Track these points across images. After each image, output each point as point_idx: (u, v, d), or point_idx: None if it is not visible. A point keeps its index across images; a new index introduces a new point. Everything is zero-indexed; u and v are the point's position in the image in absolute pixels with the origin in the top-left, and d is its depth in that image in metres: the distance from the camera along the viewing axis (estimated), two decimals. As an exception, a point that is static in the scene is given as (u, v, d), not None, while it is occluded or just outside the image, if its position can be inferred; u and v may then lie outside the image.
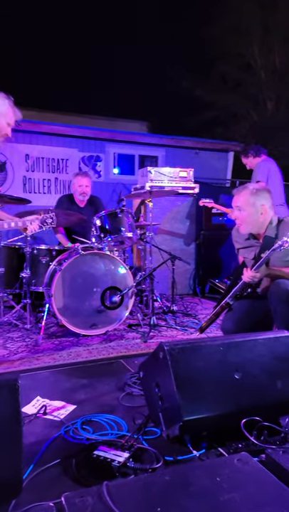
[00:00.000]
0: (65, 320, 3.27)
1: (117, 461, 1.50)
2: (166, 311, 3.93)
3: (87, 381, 2.42)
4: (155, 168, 4.98)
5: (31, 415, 1.96)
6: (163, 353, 1.67)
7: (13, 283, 3.86)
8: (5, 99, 2.49)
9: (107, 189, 6.52)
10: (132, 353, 2.96)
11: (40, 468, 1.53)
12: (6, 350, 3.01)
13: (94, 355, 2.92)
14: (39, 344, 3.12)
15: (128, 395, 2.20)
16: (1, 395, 1.32)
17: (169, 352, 1.65)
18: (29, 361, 2.80)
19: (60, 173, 6.51)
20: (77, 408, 2.06)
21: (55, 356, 2.89)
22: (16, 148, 6.10)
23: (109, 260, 3.48)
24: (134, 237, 3.65)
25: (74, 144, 6.49)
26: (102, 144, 6.61)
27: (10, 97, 2.51)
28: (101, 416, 1.95)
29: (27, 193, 6.23)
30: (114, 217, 3.58)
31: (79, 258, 3.33)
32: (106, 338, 3.31)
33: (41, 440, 1.76)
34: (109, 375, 2.52)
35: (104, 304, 3.35)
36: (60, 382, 2.43)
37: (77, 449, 1.67)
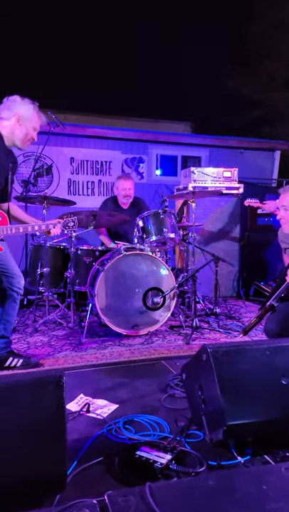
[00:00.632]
0: (108, 320, 3.30)
1: (159, 463, 1.48)
2: (208, 313, 3.87)
3: (129, 381, 2.43)
4: (198, 168, 4.93)
5: (75, 412, 1.99)
6: (206, 355, 1.64)
7: (57, 282, 3.96)
8: (30, 104, 2.58)
9: (149, 190, 6.54)
10: (173, 354, 2.94)
11: (83, 465, 1.54)
12: (51, 348, 3.09)
13: (136, 355, 2.93)
14: (82, 343, 3.18)
15: (170, 396, 2.18)
16: (47, 391, 1.35)
17: (213, 354, 1.62)
18: (73, 359, 2.85)
19: (104, 175, 6.60)
20: (120, 407, 2.07)
21: (98, 355, 2.93)
22: (62, 151, 6.26)
23: (151, 261, 3.48)
24: (176, 238, 3.64)
25: (117, 146, 6.56)
26: (144, 146, 6.63)
27: (35, 102, 2.61)
28: (143, 416, 1.94)
29: (71, 195, 6.37)
30: (157, 218, 3.58)
31: (121, 259, 3.36)
32: (148, 339, 3.31)
33: (84, 437, 1.78)
34: (151, 375, 2.52)
35: (146, 304, 3.35)
36: (102, 380, 2.45)
37: (120, 448, 1.67)
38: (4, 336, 2.64)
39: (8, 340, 2.68)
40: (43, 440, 1.30)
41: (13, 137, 2.57)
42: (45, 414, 1.33)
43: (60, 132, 4.98)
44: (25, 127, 2.56)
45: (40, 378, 1.39)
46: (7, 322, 2.63)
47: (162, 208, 3.61)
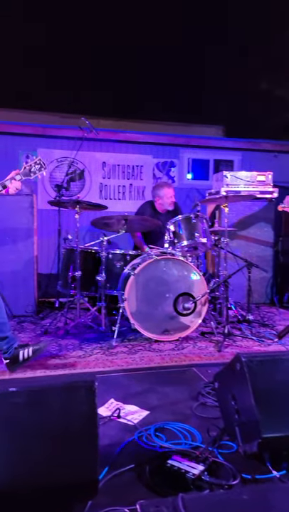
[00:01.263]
0: (138, 324, 3.29)
1: (191, 473, 1.45)
2: (241, 320, 3.79)
3: (160, 387, 2.41)
4: (231, 172, 4.86)
5: (105, 417, 1.99)
6: (240, 364, 1.60)
7: (89, 286, 3.98)
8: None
9: (180, 195, 6.50)
10: (205, 361, 2.89)
11: (114, 472, 1.53)
12: (82, 351, 3.11)
13: (166, 361, 2.90)
14: (113, 347, 3.18)
15: (202, 405, 2.14)
16: (79, 395, 1.35)
17: (247, 364, 1.57)
18: (103, 363, 2.86)
19: (135, 179, 6.63)
20: (150, 414, 2.05)
21: (128, 360, 2.92)
22: (94, 156, 6.34)
23: (183, 266, 3.45)
24: (208, 243, 3.59)
25: (148, 150, 6.57)
26: (176, 150, 6.61)
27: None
28: (174, 424, 1.92)
29: (102, 199, 6.42)
30: (189, 222, 3.55)
31: (152, 263, 3.35)
32: (178, 345, 3.28)
33: (115, 443, 1.77)
34: (181, 382, 2.49)
35: (177, 310, 3.32)
36: (133, 386, 2.44)
37: (151, 456, 1.65)
38: (3, 337, 2.61)
39: (9, 338, 2.64)
40: (75, 445, 1.30)
41: None
42: (77, 419, 1.33)
43: (93, 138, 5.05)
44: None
45: (72, 382, 1.39)
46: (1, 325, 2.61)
47: (194, 212, 3.58)
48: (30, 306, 4.28)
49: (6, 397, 1.28)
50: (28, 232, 4.30)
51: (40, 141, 6.13)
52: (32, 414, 1.29)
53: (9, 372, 2.62)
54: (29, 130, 6.07)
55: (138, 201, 6.41)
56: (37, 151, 6.11)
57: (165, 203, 4.31)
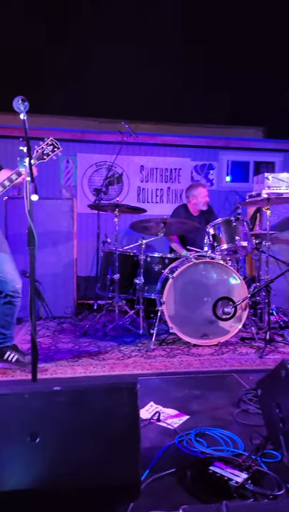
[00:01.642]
0: (176, 328, 3.27)
1: (234, 481, 1.42)
2: (283, 326, 3.68)
3: (200, 392, 2.38)
4: (272, 174, 4.75)
5: (145, 420, 1.99)
6: (286, 371, 1.55)
7: (127, 289, 4.01)
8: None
9: (219, 197, 6.43)
10: (245, 367, 2.83)
11: (155, 475, 1.52)
12: (121, 353, 3.13)
13: (206, 366, 2.87)
14: (151, 350, 3.18)
15: (243, 411, 2.10)
16: (121, 397, 1.35)
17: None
18: (142, 366, 2.86)
19: (173, 182, 6.62)
20: (190, 419, 2.03)
21: (167, 363, 2.91)
22: (132, 160, 6.39)
23: (222, 270, 3.40)
24: (249, 246, 3.52)
25: (187, 153, 6.55)
26: (215, 152, 6.55)
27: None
28: (215, 430, 1.88)
29: (141, 203, 6.47)
30: (229, 225, 3.50)
31: (191, 267, 3.32)
32: (218, 350, 3.23)
33: (155, 446, 1.76)
34: (222, 388, 2.44)
35: (217, 314, 3.27)
36: (172, 390, 2.42)
37: (192, 461, 1.63)
38: (3, 332, 2.78)
39: (6, 336, 2.78)
40: (117, 446, 1.30)
41: None
42: (119, 420, 1.33)
43: (132, 141, 5.09)
44: None
45: (114, 384, 1.39)
46: (6, 322, 2.77)
47: (235, 215, 3.52)
48: (69, 308, 4.36)
49: (50, 395, 1.31)
50: (68, 235, 4.39)
51: (79, 146, 6.26)
52: (75, 413, 1.31)
53: None
54: (68, 135, 6.21)
55: (176, 204, 6.40)
56: (77, 155, 6.24)
57: (200, 203, 4.30)
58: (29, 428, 1.25)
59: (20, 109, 2.01)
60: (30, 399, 1.27)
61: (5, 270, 2.69)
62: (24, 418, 1.25)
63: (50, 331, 3.80)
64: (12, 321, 2.80)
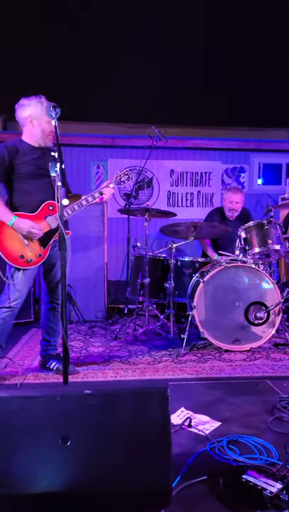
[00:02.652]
0: (207, 333, 3.23)
1: (268, 491, 1.38)
2: (317, 331, 3.56)
3: (232, 398, 2.33)
4: (305, 176, 4.63)
5: (176, 425, 1.96)
6: None
7: (157, 293, 4.00)
8: (36, 101, 2.55)
9: (250, 201, 6.33)
10: (279, 374, 2.75)
11: (186, 482, 1.50)
12: (151, 358, 3.12)
13: (238, 372, 2.81)
14: (182, 354, 3.15)
15: (277, 419, 2.04)
16: (152, 402, 1.34)
17: None
18: (172, 370, 2.84)
19: (203, 186, 6.58)
20: (222, 425, 1.99)
21: (198, 369, 2.87)
22: (162, 164, 6.40)
23: (254, 274, 3.33)
24: (281, 249, 3.44)
25: (217, 156, 6.50)
26: (246, 155, 6.47)
27: (41, 96, 2.57)
28: (248, 438, 1.84)
29: (170, 207, 6.46)
30: (261, 228, 3.42)
31: (222, 271, 3.28)
32: (250, 356, 3.16)
33: (186, 453, 1.74)
34: (254, 395, 2.39)
35: (249, 319, 3.21)
36: (203, 395, 2.39)
37: (224, 469, 1.59)
38: (45, 339, 2.85)
39: (50, 344, 2.84)
40: (148, 451, 1.29)
41: (34, 138, 2.61)
42: (150, 425, 1.32)
43: (161, 146, 5.10)
44: (39, 125, 2.56)
45: (145, 388, 1.39)
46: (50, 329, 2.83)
47: (267, 218, 3.45)
48: (100, 312, 4.40)
49: (81, 399, 1.31)
50: (98, 239, 4.43)
51: (110, 151, 6.34)
52: (106, 417, 1.31)
53: None
54: (99, 141, 6.30)
55: (206, 208, 6.36)
56: (107, 161, 6.32)
57: (226, 208, 4.22)
58: (60, 431, 1.26)
59: (52, 115, 2.05)
60: (61, 402, 1.28)
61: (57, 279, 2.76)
62: (55, 421, 1.27)
63: (81, 334, 3.85)
64: (56, 329, 2.83)
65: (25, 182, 2.57)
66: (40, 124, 2.58)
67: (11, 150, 2.54)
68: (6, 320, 2.61)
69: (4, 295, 2.60)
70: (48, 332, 2.84)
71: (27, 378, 2.67)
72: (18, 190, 2.58)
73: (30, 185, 2.57)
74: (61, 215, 1.95)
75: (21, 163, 2.55)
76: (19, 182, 2.57)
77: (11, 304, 2.57)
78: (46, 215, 2.58)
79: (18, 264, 2.51)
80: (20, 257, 2.51)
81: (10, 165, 2.54)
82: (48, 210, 2.59)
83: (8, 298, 2.56)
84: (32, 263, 2.54)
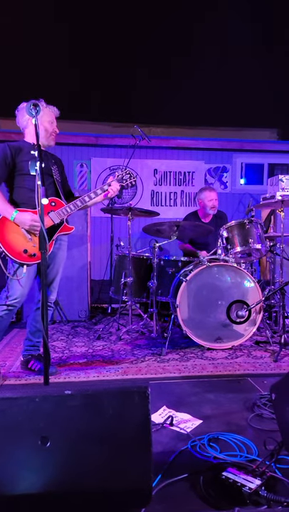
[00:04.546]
0: (190, 331, 3.25)
1: (248, 487, 1.40)
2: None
3: (213, 396, 2.35)
4: (287, 176, 4.70)
5: (158, 424, 1.97)
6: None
7: (141, 292, 4.01)
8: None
9: (233, 200, 6.40)
10: (260, 372, 2.79)
11: (167, 480, 1.51)
12: (134, 357, 3.12)
13: (219, 370, 2.84)
14: (164, 354, 3.16)
15: (258, 416, 2.07)
16: (132, 401, 1.35)
17: (308, 375, 1.49)
18: (155, 369, 2.85)
19: (186, 185, 6.61)
20: (204, 423, 2.01)
21: (180, 367, 2.89)
22: (146, 163, 6.40)
23: (236, 273, 3.36)
24: (263, 248, 3.48)
25: (200, 156, 6.53)
26: (228, 155, 6.52)
27: (40, 99, 2.61)
28: (229, 435, 1.86)
29: (154, 206, 6.47)
30: (242, 228, 3.46)
31: (204, 270, 3.30)
32: (232, 354, 3.19)
33: (167, 451, 1.75)
34: (236, 392, 2.41)
35: (231, 317, 3.24)
36: (185, 394, 2.40)
37: (205, 466, 1.61)
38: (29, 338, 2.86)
39: (33, 344, 2.85)
40: (128, 450, 1.29)
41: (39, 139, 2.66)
42: (131, 425, 1.32)
43: (145, 145, 5.10)
44: (42, 125, 2.61)
45: (126, 388, 1.39)
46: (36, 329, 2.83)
47: (248, 217, 3.49)
48: (83, 312, 4.38)
49: (61, 399, 1.31)
50: (82, 238, 4.41)
51: (93, 150, 6.30)
52: (86, 417, 1.31)
53: None
54: (82, 140, 6.26)
55: (189, 207, 6.39)
56: (91, 160, 6.29)
57: (206, 206, 4.26)
58: (40, 432, 1.25)
59: (32, 114, 2.04)
60: (41, 402, 1.28)
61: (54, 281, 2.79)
62: (35, 422, 1.26)
63: (64, 334, 3.82)
64: (41, 329, 2.77)
65: (27, 180, 2.56)
66: (42, 123, 2.63)
67: (13, 148, 2.58)
68: (3, 318, 2.60)
69: (4, 292, 2.59)
70: (33, 332, 2.82)
71: (8, 379, 2.65)
72: (20, 188, 2.59)
73: (32, 183, 2.56)
74: (41, 214, 1.93)
75: (25, 161, 2.55)
76: (22, 180, 2.58)
77: (12, 302, 2.57)
78: (49, 210, 2.59)
79: (22, 259, 2.50)
80: (23, 252, 2.49)
81: (12, 163, 2.56)
82: (50, 206, 2.60)
83: (8, 296, 2.55)
84: (35, 258, 2.52)
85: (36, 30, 6.06)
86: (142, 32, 6.37)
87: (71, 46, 6.30)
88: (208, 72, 6.61)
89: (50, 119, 2.69)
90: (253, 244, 3.41)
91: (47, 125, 2.67)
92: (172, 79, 6.50)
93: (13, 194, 2.61)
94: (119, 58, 6.42)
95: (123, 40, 6.33)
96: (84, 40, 6.38)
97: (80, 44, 6.38)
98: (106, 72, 6.35)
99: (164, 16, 6.50)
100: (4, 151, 2.55)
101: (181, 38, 6.65)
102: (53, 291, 2.81)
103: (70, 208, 2.62)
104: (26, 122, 2.67)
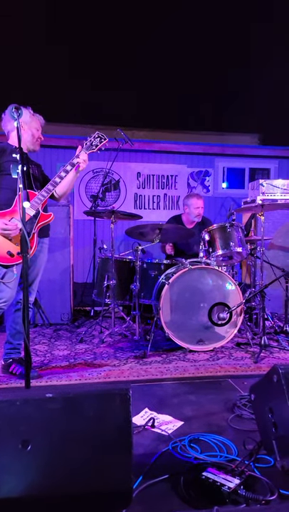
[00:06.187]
0: (172, 334, 3.28)
1: (227, 487, 1.42)
2: (278, 331, 3.69)
3: (195, 398, 2.38)
4: (267, 180, 4.79)
5: (140, 426, 1.99)
6: (277, 376, 1.56)
7: (123, 295, 4.02)
8: (25, 109, 2.63)
9: (215, 204, 6.48)
10: (240, 373, 2.83)
11: (148, 482, 1.53)
12: (117, 360, 3.13)
13: (201, 371, 2.87)
14: (147, 356, 3.18)
15: (237, 417, 2.10)
16: (113, 404, 1.36)
17: (285, 375, 1.53)
18: (137, 372, 2.86)
19: (169, 189, 6.67)
20: (185, 425, 2.03)
21: (162, 369, 2.91)
22: (129, 166, 6.43)
23: (217, 275, 3.41)
24: (243, 252, 3.54)
25: (183, 160, 6.60)
26: (211, 159, 6.61)
27: (28, 107, 2.71)
28: (209, 436, 1.89)
29: (137, 209, 6.50)
30: (224, 231, 3.52)
31: (186, 272, 3.33)
32: (213, 356, 3.23)
33: (149, 453, 1.77)
34: (216, 393, 2.45)
35: (212, 320, 3.28)
36: (167, 396, 2.42)
37: (185, 467, 1.63)
38: (9, 341, 2.85)
39: (14, 347, 2.84)
40: (109, 453, 1.30)
41: (24, 143, 2.65)
42: (112, 427, 1.34)
43: (128, 148, 5.13)
44: (30, 130, 2.71)
45: (107, 390, 1.40)
46: (15, 331, 2.82)
47: (229, 221, 3.54)
48: (66, 315, 4.36)
49: (42, 402, 1.31)
50: (64, 241, 4.40)
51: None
52: (67, 420, 1.31)
53: None
54: (65, 142, 6.25)
55: (172, 211, 6.45)
56: (74, 162, 6.27)
57: (192, 213, 4.30)
58: (21, 435, 1.25)
59: (14, 117, 2.04)
60: (21, 406, 1.28)
61: (34, 283, 2.80)
62: (16, 425, 1.26)
63: (46, 337, 3.80)
64: (21, 331, 2.77)
65: (8, 179, 2.55)
66: (30, 129, 2.72)
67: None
68: None
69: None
70: (13, 334, 2.81)
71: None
72: (1, 189, 2.60)
73: (12, 183, 2.55)
74: (23, 218, 1.93)
75: (6, 162, 2.57)
76: (3, 180, 2.59)
77: (1, 305, 2.58)
78: None
79: (8, 261, 2.49)
80: (8, 254, 2.48)
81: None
82: None
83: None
84: (20, 256, 2.50)
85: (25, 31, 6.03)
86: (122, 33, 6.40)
87: (55, 47, 6.29)
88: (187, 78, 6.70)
89: (37, 126, 2.76)
90: (234, 248, 3.46)
91: (34, 131, 2.74)
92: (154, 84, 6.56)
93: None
94: (103, 59, 6.44)
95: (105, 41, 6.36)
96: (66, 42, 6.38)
97: (64, 46, 6.37)
98: (88, 74, 6.36)
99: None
100: None
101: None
102: (32, 292, 2.82)
103: (42, 195, 2.59)
104: (12, 126, 2.69)
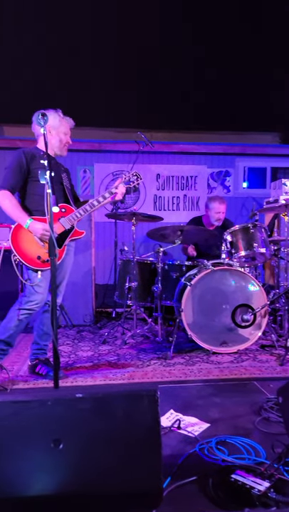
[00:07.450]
0: (195, 336, 3.27)
1: (257, 489, 1.41)
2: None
3: (220, 400, 2.37)
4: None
5: (166, 428, 1.99)
6: (307, 378, 1.54)
7: (145, 296, 4.02)
8: (55, 113, 2.69)
9: (236, 204, 6.43)
10: (266, 375, 2.80)
11: (177, 483, 1.53)
12: (140, 361, 3.14)
13: (225, 374, 2.85)
14: (170, 358, 3.18)
15: (265, 419, 2.08)
16: (142, 405, 1.37)
17: (315, 378, 1.51)
18: (161, 373, 2.87)
19: (189, 190, 6.65)
20: (211, 427, 2.02)
21: (186, 371, 2.91)
22: (149, 168, 6.45)
23: (240, 277, 3.38)
24: (267, 253, 3.50)
25: (203, 160, 6.58)
26: (231, 159, 6.56)
27: (57, 109, 2.72)
28: (236, 438, 1.87)
29: (157, 211, 6.51)
30: (247, 232, 3.49)
31: (209, 274, 3.32)
32: (237, 358, 3.21)
33: (176, 454, 1.77)
34: (242, 396, 2.43)
35: (236, 321, 3.26)
36: (192, 397, 2.42)
37: (213, 469, 1.63)
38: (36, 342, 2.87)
39: (40, 347, 2.87)
40: (139, 453, 1.31)
41: (52, 148, 2.72)
42: (141, 428, 1.34)
43: (148, 150, 5.15)
44: (57, 135, 2.71)
45: (135, 391, 1.41)
46: (42, 332, 2.84)
47: (252, 221, 3.51)
48: (88, 316, 4.40)
49: (73, 402, 1.33)
50: (86, 244, 4.44)
51: (96, 156, 6.36)
52: (97, 420, 1.33)
53: None
54: (86, 146, 6.32)
55: (192, 212, 6.43)
56: (94, 165, 6.34)
57: (212, 217, 4.28)
58: (52, 434, 1.27)
59: (41, 123, 2.08)
60: (53, 406, 1.30)
61: (61, 285, 2.85)
62: (47, 425, 1.28)
63: (69, 339, 3.85)
64: (48, 333, 2.84)
65: (40, 187, 2.58)
66: (58, 134, 2.73)
67: (28, 154, 2.64)
68: (22, 321, 2.65)
69: (25, 297, 2.64)
70: (40, 335, 2.85)
71: (17, 384, 2.67)
72: (32, 195, 2.65)
73: (44, 190, 2.61)
74: (51, 222, 1.96)
75: (37, 168, 2.58)
76: (34, 186, 2.63)
77: (32, 306, 2.63)
78: (59, 217, 2.65)
79: (36, 265, 2.55)
80: (37, 258, 2.55)
81: (27, 169, 2.62)
82: (60, 213, 2.66)
83: (28, 301, 2.61)
84: (49, 263, 2.56)
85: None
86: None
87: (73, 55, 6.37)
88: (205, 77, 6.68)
89: (66, 131, 2.76)
90: (257, 249, 3.43)
91: (62, 136, 2.75)
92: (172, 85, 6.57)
93: (26, 200, 2.66)
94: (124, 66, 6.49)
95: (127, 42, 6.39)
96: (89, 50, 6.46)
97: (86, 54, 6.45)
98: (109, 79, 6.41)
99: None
100: (20, 158, 2.61)
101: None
102: (59, 294, 2.86)
103: (79, 213, 2.68)
104: (39, 131, 2.71)
